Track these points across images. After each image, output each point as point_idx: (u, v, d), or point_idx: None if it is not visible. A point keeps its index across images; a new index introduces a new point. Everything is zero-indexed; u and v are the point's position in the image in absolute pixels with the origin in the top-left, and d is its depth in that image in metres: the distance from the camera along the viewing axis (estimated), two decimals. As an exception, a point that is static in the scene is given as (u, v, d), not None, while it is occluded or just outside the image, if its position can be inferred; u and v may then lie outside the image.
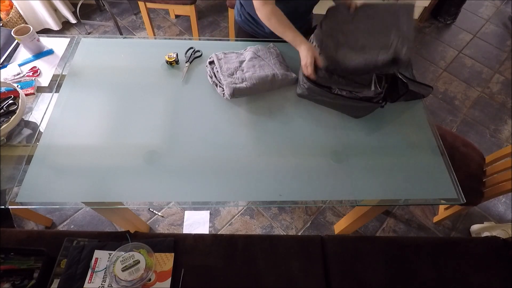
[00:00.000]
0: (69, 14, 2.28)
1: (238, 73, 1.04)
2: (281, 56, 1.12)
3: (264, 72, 1.03)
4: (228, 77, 1.02)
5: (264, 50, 1.11)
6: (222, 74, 1.03)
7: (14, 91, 0.99)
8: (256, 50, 1.11)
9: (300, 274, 1.02)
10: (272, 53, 1.11)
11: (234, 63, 1.07)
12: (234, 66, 1.05)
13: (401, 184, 0.91)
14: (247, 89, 1.00)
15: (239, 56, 1.10)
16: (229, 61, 1.07)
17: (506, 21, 2.71)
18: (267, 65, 1.06)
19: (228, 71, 1.04)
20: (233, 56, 1.09)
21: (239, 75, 1.02)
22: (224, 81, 1.01)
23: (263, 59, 1.08)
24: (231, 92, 0.98)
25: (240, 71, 1.04)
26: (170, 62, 1.11)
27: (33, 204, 0.83)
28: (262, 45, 1.13)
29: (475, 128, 2.01)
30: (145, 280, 0.90)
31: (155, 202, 0.89)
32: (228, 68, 1.05)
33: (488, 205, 1.69)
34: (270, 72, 1.03)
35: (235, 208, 1.61)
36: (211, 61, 1.09)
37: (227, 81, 1.01)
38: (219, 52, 1.10)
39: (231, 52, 1.11)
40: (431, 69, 2.33)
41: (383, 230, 1.59)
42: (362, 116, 1.02)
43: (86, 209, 1.56)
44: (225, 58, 1.08)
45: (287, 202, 0.93)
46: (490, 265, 1.08)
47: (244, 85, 1.00)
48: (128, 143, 0.93)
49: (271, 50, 1.12)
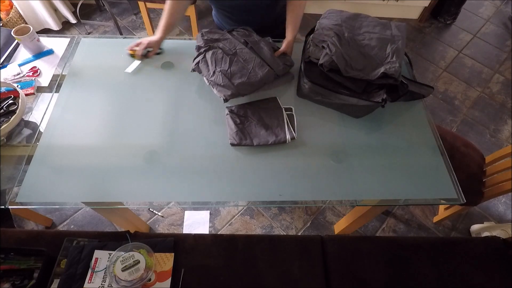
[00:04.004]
0: (69, 14, 2.28)
1: (225, 79, 0.98)
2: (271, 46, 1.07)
3: (256, 74, 1.00)
4: (220, 80, 0.98)
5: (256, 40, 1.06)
6: (211, 81, 1.00)
7: (14, 91, 0.99)
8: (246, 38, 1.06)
9: (300, 274, 1.02)
10: (263, 47, 1.05)
11: (221, 65, 1.01)
12: (221, 72, 0.99)
13: (401, 184, 0.91)
14: (239, 94, 0.99)
15: (224, 58, 1.02)
16: (216, 60, 1.01)
17: (506, 21, 2.71)
18: (258, 61, 1.02)
19: (216, 77, 0.98)
20: (219, 55, 1.02)
21: (227, 81, 0.97)
22: (215, 89, 1.00)
23: (255, 52, 1.04)
24: (225, 98, 0.97)
25: (227, 75, 0.99)
26: (132, 55, 1.13)
27: (33, 204, 0.83)
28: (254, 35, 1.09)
29: (475, 128, 2.01)
30: (145, 280, 0.90)
31: (155, 202, 0.89)
32: (215, 71, 0.99)
33: (488, 205, 1.69)
34: (262, 73, 1.00)
35: (235, 208, 1.61)
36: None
37: (218, 89, 0.99)
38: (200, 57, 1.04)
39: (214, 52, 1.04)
40: (431, 69, 2.33)
41: (383, 230, 1.59)
42: (362, 116, 1.02)
43: (86, 209, 1.56)
44: (210, 62, 1.02)
45: (287, 202, 0.93)
46: (490, 265, 1.08)
47: (233, 91, 0.97)
48: (128, 143, 0.93)
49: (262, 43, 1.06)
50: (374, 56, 1.00)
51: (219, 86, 0.98)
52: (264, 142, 0.92)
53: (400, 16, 2.66)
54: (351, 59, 0.98)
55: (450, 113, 2.08)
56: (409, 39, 2.51)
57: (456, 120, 2.05)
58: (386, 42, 1.02)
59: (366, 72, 0.97)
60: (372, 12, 2.52)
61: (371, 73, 0.97)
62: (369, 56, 1.00)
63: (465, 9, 2.71)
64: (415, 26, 2.62)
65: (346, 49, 0.99)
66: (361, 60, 0.99)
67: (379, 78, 0.95)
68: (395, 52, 0.99)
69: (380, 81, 0.96)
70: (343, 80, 0.99)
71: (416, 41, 2.51)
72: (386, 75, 0.95)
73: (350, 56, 0.98)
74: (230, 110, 0.99)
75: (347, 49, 0.99)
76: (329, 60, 0.97)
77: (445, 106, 2.12)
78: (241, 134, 0.93)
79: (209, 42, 1.05)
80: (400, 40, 1.03)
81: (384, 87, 0.98)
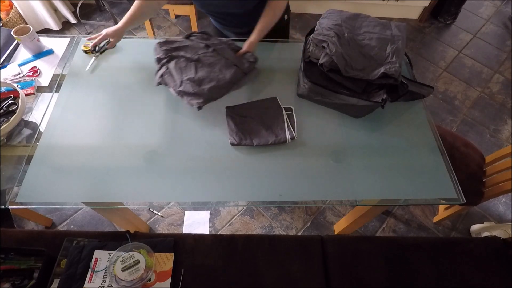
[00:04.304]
0: (69, 14, 2.28)
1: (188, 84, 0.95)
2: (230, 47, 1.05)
3: (224, 75, 0.98)
4: (190, 88, 0.95)
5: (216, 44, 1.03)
6: (180, 91, 0.96)
7: (14, 91, 0.99)
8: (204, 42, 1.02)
9: (300, 274, 1.02)
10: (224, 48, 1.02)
11: (183, 74, 0.97)
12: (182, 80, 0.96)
13: (401, 184, 0.91)
14: (212, 99, 0.97)
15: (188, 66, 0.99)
16: (181, 69, 0.98)
17: (506, 21, 2.71)
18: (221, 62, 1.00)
19: (185, 86, 0.95)
20: (182, 64, 0.99)
21: (197, 89, 0.95)
22: (185, 99, 0.96)
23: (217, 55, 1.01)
24: (198, 106, 0.95)
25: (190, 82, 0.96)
26: (85, 51, 1.12)
27: (33, 204, 0.83)
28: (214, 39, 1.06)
29: (475, 128, 2.01)
30: (145, 280, 0.90)
31: (155, 202, 0.89)
32: (182, 81, 0.96)
33: (488, 205, 1.69)
34: (230, 73, 0.98)
35: (235, 208, 1.61)
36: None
37: (189, 98, 0.95)
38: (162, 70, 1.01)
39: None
40: (431, 69, 2.33)
41: (383, 230, 1.59)
42: (362, 116, 1.02)
43: (86, 209, 1.56)
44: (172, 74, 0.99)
45: (287, 202, 0.93)
46: (490, 265, 1.08)
47: (205, 97, 0.95)
48: (128, 143, 0.93)
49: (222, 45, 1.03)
50: (374, 56, 1.00)
51: (190, 95, 0.95)
52: (264, 142, 0.92)
53: (400, 16, 2.66)
54: (351, 59, 0.98)
55: (450, 113, 2.08)
56: (409, 39, 2.51)
57: (456, 120, 2.05)
58: (386, 42, 1.02)
59: (366, 72, 0.97)
60: (372, 12, 2.52)
61: (371, 73, 0.97)
62: (369, 56, 1.00)
63: (465, 9, 2.71)
64: (415, 26, 2.62)
65: (346, 49, 0.99)
66: (361, 60, 0.99)
67: (379, 78, 0.95)
68: (395, 52, 0.99)
69: (380, 81, 0.96)
70: (343, 80, 0.99)
71: (416, 41, 2.51)
72: (386, 75, 0.95)
73: (350, 56, 0.99)
74: (230, 110, 0.99)
75: (347, 49, 0.99)
76: (329, 60, 0.97)
77: (445, 106, 2.12)
78: (241, 134, 0.93)
79: (169, 52, 1.01)
80: (400, 40, 1.03)
81: (384, 87, 0.98)
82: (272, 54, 1.21)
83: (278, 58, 1.19)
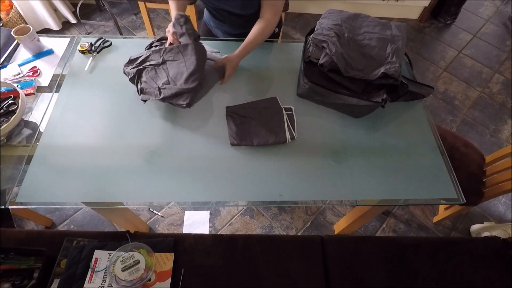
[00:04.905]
0: (69, 14, 2.28)
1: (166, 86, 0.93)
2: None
3: (191, 62, 0.92)
4: (170, 92, 0.92)
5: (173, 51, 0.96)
6: (165, 99, 0.94)
7: (14, 91, 0.99)
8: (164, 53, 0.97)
9: (300, 274, 1.02)
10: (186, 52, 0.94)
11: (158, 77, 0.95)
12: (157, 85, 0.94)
13: (401, 184, 0.91)
14: (195, 91, 0.93)
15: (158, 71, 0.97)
16: (153, 78, 0.96)
17: (506, 21, 2.71)
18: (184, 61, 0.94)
19: (165, 92, 0.93)
20: (151, 73, 0.97)
21: (176, 88, 0.92)
22: (174, 102, 0.94)
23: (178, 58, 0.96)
24: (188, 103, 0.92)
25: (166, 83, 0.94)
26: (82, 51, 1.13)
27: (33, 204, 0.83)
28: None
29: (475, 128, 2.01)
30: (145, 280, 0.90)
31: (155, 202, 0.89)
32: (160, 89, 0.94)
33: (488, 205, 1.69)
34: (194, 59, 0.91)
35: (235, 208, 1.61)
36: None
37: (175, 101, 0.94)
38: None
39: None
40: (431, 69, 2.33)
41: (383, 230, 1.59)
42: (362, 116, 1.02)
43: (86, 209, 1.56)
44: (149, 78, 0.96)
45: (287, 202, 0.93)
46: (490, 265, 1.08)
47: (188, 92, 0.92)
48: (128, 143, 0.93)
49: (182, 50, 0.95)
50: (374, 56, 1.00)
51: (173, 97, 0.93)
52: (264, 142, 0.92)
53: (400, 16, 2.66)
54: (351, 59, 0.98)
55: (450, 113, 2.08)
56: (409, 39, 2.51)
57: (456, 120, 2.05)
58: (386, 42, 1.02)
59: (366, 72, 0.97)
60: (372, 12, 2.53)
61: (371, 73, 0.97)
62: (369, 56, 1.00)
63: (465, 9, 2.71)
64: (415, 26, 2.63)
65: (346, 49, 0.99)
66: (361, 60, 0.99)
67: (379, 78, 0.95)
68: (395, 52, 0.99)
69: (380, 81, 0.96)
70: (343, 80, 0.99)
71: (416, 41, 2.51)
72: (386, 75, 0.95)
73: (350, 56, 0.99)
74: (230, 110, 0.99)
75: (347, 49, 0.99)
76: (329, 60, 0.97)
77: (445, 106, 2.12)
78: (241, 134, 0.93)
79: (136, 67, 0.99)
80: (400, 40, 1.03)
81: (384, 87, 0.98)
82: (272, 54, 1.21)
83: (278, 58, 1.20)
